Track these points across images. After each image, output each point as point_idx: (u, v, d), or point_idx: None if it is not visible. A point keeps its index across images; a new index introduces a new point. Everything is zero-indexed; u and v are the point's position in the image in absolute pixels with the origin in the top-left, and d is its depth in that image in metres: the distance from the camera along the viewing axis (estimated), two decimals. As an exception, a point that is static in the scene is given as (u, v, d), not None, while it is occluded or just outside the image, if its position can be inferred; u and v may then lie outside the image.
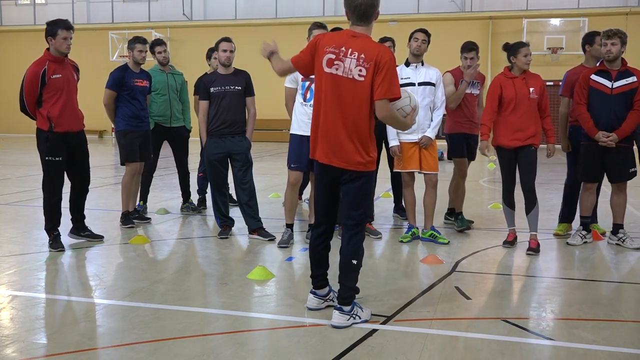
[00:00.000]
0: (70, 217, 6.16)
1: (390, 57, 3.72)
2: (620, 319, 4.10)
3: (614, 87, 5.85)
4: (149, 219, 7.24)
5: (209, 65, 7.84)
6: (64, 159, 5.79)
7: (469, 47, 6.55)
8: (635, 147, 6.15)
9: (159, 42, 7.64)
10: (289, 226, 6.13)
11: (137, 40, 6.90)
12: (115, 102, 6.78)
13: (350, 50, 3.75)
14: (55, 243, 5.81)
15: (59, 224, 5.93)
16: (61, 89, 5.70)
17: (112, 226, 6.85)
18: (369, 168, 3.88)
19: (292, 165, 5.99)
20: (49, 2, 26.89)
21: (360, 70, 3.72)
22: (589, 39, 6.50)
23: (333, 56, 3.79)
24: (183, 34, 25.04)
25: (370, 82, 3.72)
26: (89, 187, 6.20)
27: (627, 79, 5.84)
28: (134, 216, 7.07)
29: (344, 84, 3.77)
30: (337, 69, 3.78)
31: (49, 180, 5.81)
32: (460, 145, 6.68)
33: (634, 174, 6.06)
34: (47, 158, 5.73)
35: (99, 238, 6.20)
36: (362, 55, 3.72)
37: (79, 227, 6.19)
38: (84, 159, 6.02)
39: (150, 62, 6.94)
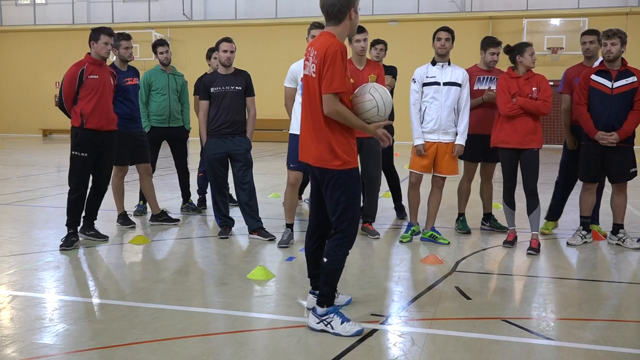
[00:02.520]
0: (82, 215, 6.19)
1: (334, 50, 3.62)
2: (620, 319, 4.10)
3: (614, 87, 5.85)
4: (178, 220, 7.16)
5: (209, 65, 7.83)
6: (89, 156, 5.92)
7: (497, 42, 6.45)
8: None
9: (161, 42, 7.59)
10: (289, 226, 6.13)
11: (121, 37, 6.77)
12: None
13: (312, 49, 3.83)
14: (66, 242, 5.84)
15: (78, 222, 6.02)
16: (96, 89, 5.90)
17: (112, 226, 6.85)
18: (341, 167, 3.72)
19: (291, 165, 5.98)
20: (49, 2, 26.87)
21: (313, 67, 3.76)
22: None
23: (304, 58, 3.92)
24: (183, 34, 25.03)
25: (318, 77, 3.72)
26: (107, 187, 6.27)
27: (627, 79, 5.84)
28: (162, 217, 7.05)
29: (310, 83, 3.83)
30: (306, 70, 3.87)
31: (72, 175, 5.97)
32: (476, 149, 6.43)
33: (635, 174, 6.07)
34: (73, 152, 5.94)
35: (103, 238, 6.21)
36: (315, 52, 3.76)
37: (86, 226, 6.21)
38: (108, 159, 6.14)
39: (151, 62, 6.90)
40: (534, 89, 5.76)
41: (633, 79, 5.84)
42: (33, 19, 26.83)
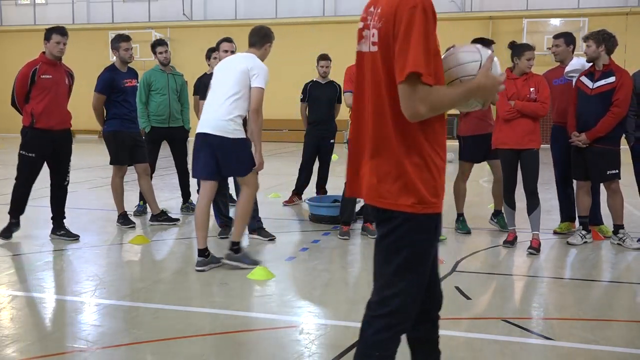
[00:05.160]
0: (50, 216, 6.24)
1: (413, 5, 2.08)
2: (619, 318, 4.10)
3: (593, 87, 5.86)
4: (178, 219, 7.14)
5: (209, 65, 7.83)
6: (37, 157, 5.98)
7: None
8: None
9: (160, 42, 7.60)
10: (204, 252, 5.15)
11: (120, 38, 6.77)
12: (104, 104, 6.70)
13: (374, 7, 2.26)
14: (6, 232, 6.03)
15: (20, 213, 6.13)
16: (49, 88, 5.92)
17: (112, 226, 6.85)
18: (413, 209, 2.20)
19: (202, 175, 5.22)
20: (49, 2, 26.87)
21: (373, 35, 2.22)
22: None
23: (362, 24, 2.32)
24: (183, 34, 25.02)
25: (383, 50, 2.18)
26: (68, 186, 6.28)
27: (606, 79, 5.82)
28: (162, 217, 7.02)
29: (366, 65, 2.29)
30: (363, 42, 2.31)
31: (20, 173, 6.08)
32: (476, 150, 6.47)
33: (613, 176, 5.95)
34: (20, 152, 6.03)
35: (74, 237, 6.15)
36: (379, 10, 2.20)
37: (57, 227, 6.22)
38: (63, 158, 6.16)
39: (151, 62, 6.89)
40: (531, 89, 5.76)
41: (612, 79, 5.80)
42: (33, 19, 26.82)
